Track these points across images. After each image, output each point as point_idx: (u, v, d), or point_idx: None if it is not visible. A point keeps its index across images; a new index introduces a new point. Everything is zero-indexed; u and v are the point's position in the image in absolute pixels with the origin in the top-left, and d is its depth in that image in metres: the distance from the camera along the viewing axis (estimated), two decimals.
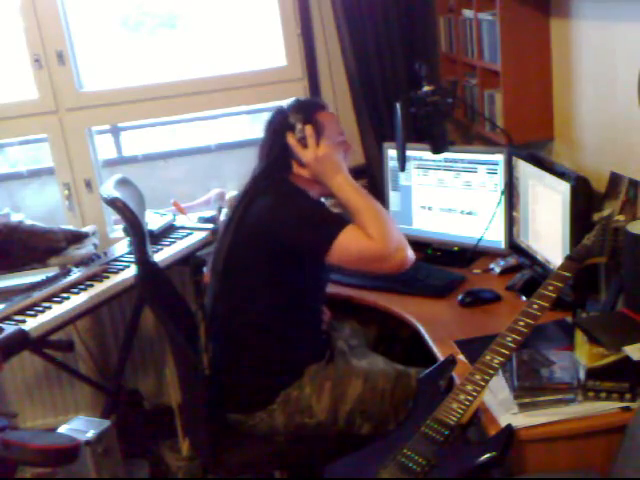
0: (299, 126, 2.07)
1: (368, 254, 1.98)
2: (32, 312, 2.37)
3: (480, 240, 2.57)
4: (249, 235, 2.06)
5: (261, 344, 2.10)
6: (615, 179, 2.10)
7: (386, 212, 2.06)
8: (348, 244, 1.97)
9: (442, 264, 2.61)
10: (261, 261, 2.05)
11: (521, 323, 1.70)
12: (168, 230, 2.95)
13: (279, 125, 2.12)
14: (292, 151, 2.09)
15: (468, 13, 2.68)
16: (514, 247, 2.47)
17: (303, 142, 2.07)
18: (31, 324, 2.29)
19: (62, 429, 2.43)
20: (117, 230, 3.22)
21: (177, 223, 3.03)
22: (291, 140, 2.08)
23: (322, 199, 2.21)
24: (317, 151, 2.06)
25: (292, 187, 2.11)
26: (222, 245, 2.12)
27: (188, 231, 2.94)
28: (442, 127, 2.44)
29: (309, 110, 2.12)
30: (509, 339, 1.68)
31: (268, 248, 2.03)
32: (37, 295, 2.46)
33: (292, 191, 2.10)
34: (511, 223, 2.48)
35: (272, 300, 2.08)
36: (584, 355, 1.65)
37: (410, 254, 2.00)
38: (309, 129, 2.07)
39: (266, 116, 2.19)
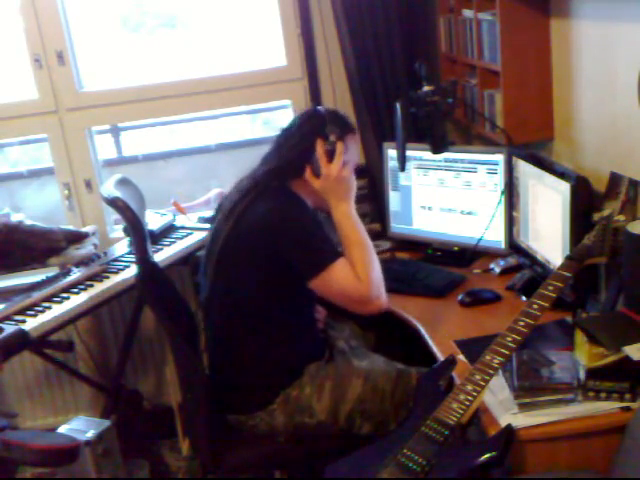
0: (332, 138, 2.05)
1: (349, 293, 1.98)
2: (32, 312, 2.37)
3: (480, 240, 2.57)
4: (246, 234, 2.05)
5: (258, 344, 2.09)
6: (615, 179, 2.10)
7: (375, 253, 2.05)
8: (335, 278, 1.97)
9: (442, 264, 2.61)
10: (253, 261, 2.04)
11: (521, 323, 1.70)
12: (168, 230, 2.95)
13: (313, 128, 2.09)
14: (314, 158, 2.06)
15: (468, 13, 2.67)
16: (514, 247, 2.47)
17: (329, 155, 2.05)
18: (31, 324, 2.29)
19: (62, 429, 2.43)
20: (117, 230, 3.21)
21: (177, 223, 3.03)
22: (319, 148, 2.05)
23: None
24: (341, 170, 2.05)
25: (296, 198, 2.10)
26: (218, 236, 2.11)
27: (188, 231, 2.94)
28: (442, 127, 2.44)
29: (344, 128, 2.11)
30: (509, 339, 1.68)
31: (261, 248, 2.02)
32: (37, 295, 2.46)
33: (296, 202, 2.09)
34: (511, 223, 2.48)
35: (264, 300, 2.07)
36: (584, 355, 1.65)
37: (385, 301, 2.02)
38: (340, 146, 2.05)
39: (266, 116, 2.18)
